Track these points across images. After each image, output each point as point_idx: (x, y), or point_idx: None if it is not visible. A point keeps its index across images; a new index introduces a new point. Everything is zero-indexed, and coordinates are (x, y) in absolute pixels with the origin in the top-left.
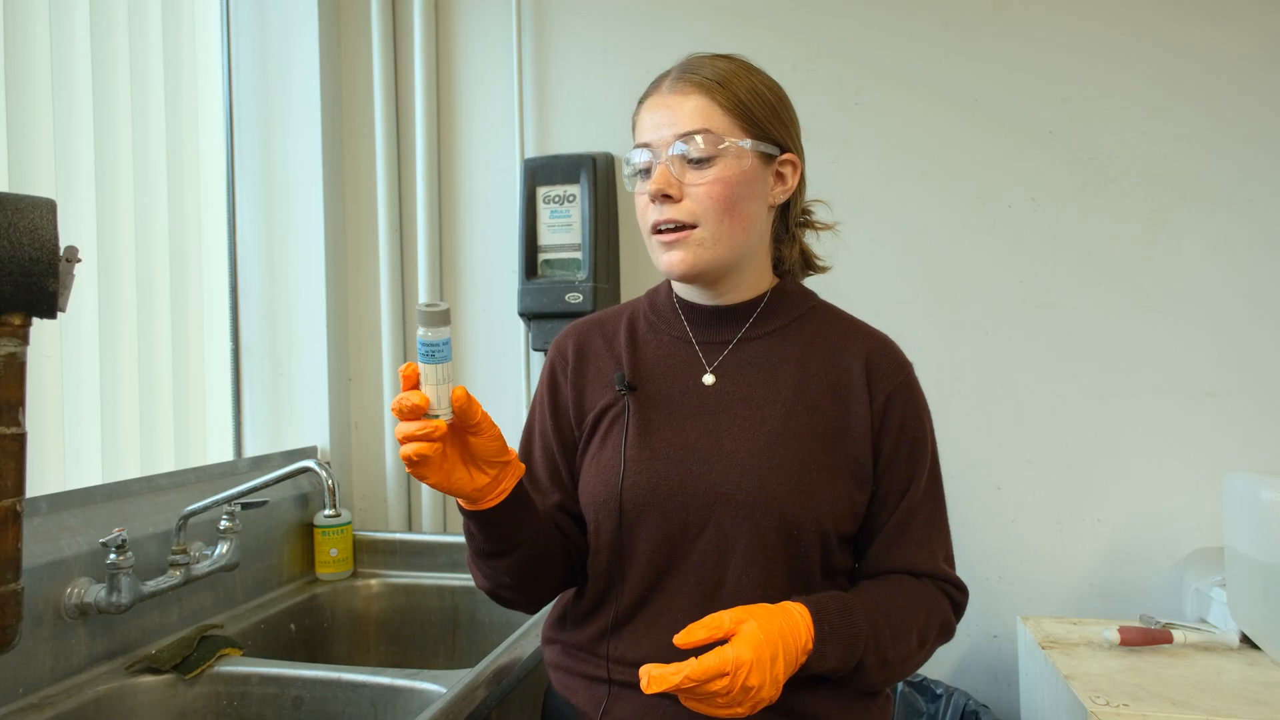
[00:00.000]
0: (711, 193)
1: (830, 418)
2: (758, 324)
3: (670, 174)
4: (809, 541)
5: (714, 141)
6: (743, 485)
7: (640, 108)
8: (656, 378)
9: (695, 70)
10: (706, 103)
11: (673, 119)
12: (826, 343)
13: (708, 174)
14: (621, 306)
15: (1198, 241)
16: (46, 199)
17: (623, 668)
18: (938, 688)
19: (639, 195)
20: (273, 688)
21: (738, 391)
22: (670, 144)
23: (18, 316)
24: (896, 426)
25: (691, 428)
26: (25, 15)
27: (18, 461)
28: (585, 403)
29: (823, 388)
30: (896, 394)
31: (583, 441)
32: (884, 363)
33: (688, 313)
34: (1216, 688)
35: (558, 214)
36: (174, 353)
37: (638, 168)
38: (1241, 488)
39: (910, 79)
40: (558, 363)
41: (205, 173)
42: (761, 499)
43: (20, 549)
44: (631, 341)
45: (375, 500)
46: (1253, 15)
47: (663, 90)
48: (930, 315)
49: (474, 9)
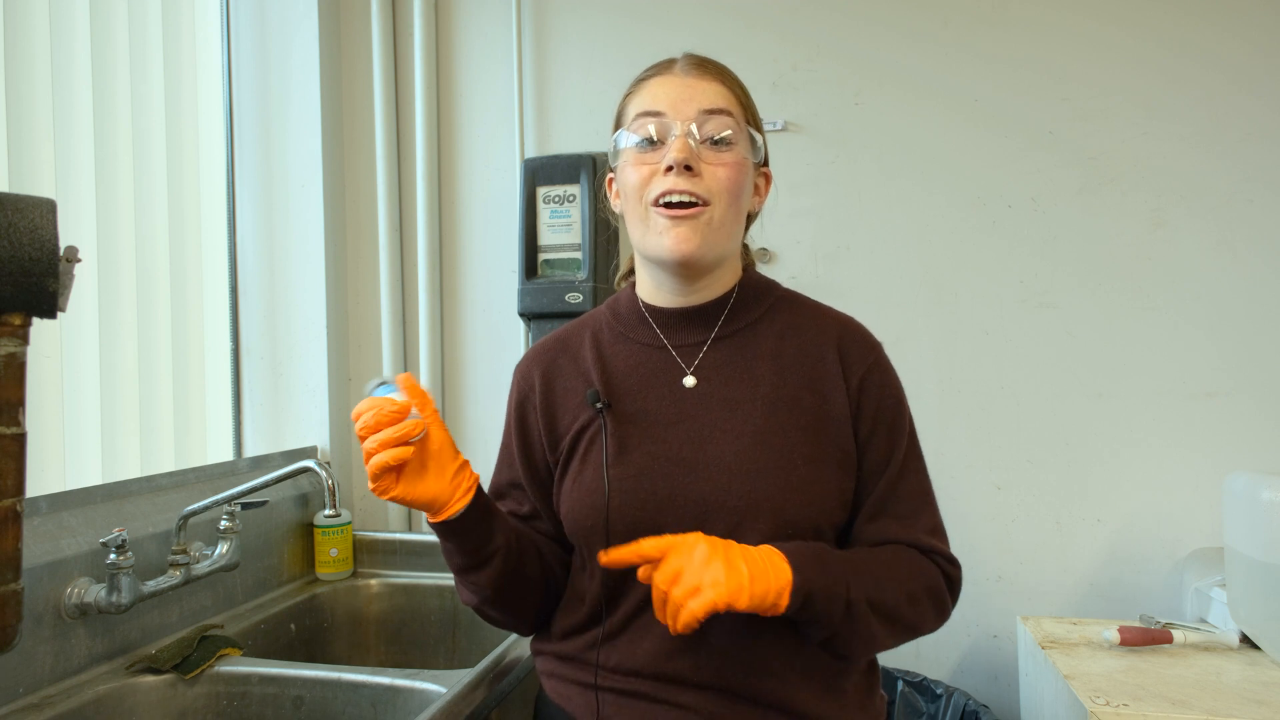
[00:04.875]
0: (729, 175)
1: (811, 409)
2: (729, 321)
3: (691, 146)
4: (804, 538)
5: (734, 124)
6: (733, 491)
7: (641, 86)
8: (631, 389)
9: (708, 60)
10: (726, 90)
11: (694, 95)
12: (798, 333)
13: (726, 156)
14: (580, 321)
15: (1198, 241)
16: (46, 199)
17: (618, 676)
18: (938, 688)
19: (637, 167)
20: (273, 688)
21: (717, 393)
22: (693, 117)
23: (18, 316)
24: (873, 407)
25: (673, 437)
26: (25, 15)
27: (18, 461)
28: (558, 428)
29: (800, 380)
30: (870, 375)
31: (560, 465)
32: (854, 346)
33: (657, 317)
34: (1216, 688)
35: (558, 214)
36: (174, 353)
37: (643, 139)
38: (1241, 488)
39: (910, 79)
40: (525, 392)
41: (205, 173)
42: (753, 503)
43: (20, 549)
44: (599, 355)
45: (375, 500)
46: (1253, 15)
47: (675, 71)
48: (930, 315)
49: (474, 9)
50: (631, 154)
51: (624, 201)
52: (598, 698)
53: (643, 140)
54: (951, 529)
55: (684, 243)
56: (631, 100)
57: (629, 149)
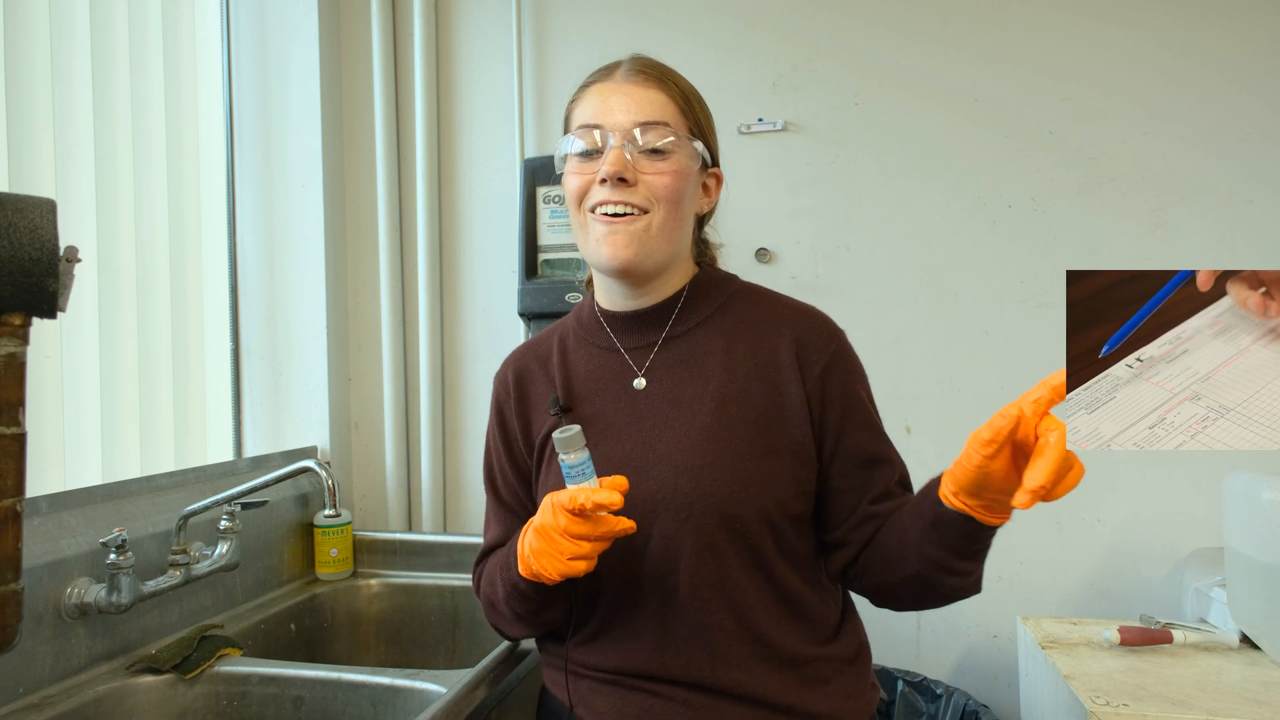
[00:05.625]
0: (667, 183)
1: (761, 402)
2: (680, 320)
3: (626, 158)
4: (755, 530)
5: (673, 135)
6: (679, 487)
7: (584, 93)
8: (589, 393)
9: (650, 66)
10: (665, 98)
11: (630, 106)
12: (749, 327)
13: (663, 165)
14: (553, 327)
15: (1198, 241)
16: (46, 199)
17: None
18: (938, 688)
19: (576, 176)
20: (273, 688)
21: (667, 393)
22: (628, 129)
23: (18, 316)
24: (839, 394)
25: (627, 438)
26: (25, 15)
27: (18, 461)
28: (531, 431)
29: (750, 373)
30: (833, 363)
31: (534, 471)
32: (813, 336)
33: (610, 321)
34: (1216, 688)
35: (558, 214)
36: (174, 353)
37: (583, 148)
38: (1241, 488)
39: (910, 79)
40: (501, 395)
41: (205, 173)
42: (699, 497)
43: (20, 549)
44: (564, 361)
45: (375, 500)
46: (1253, 15)
47: (616, 78)
48: (930, 315)
49: (474, 9)
50: (573, 162)
51: (568, 205)
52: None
53: (581, 152)
54: None
55: (622, 250)
56: (575, 107)
57: (571, 157)
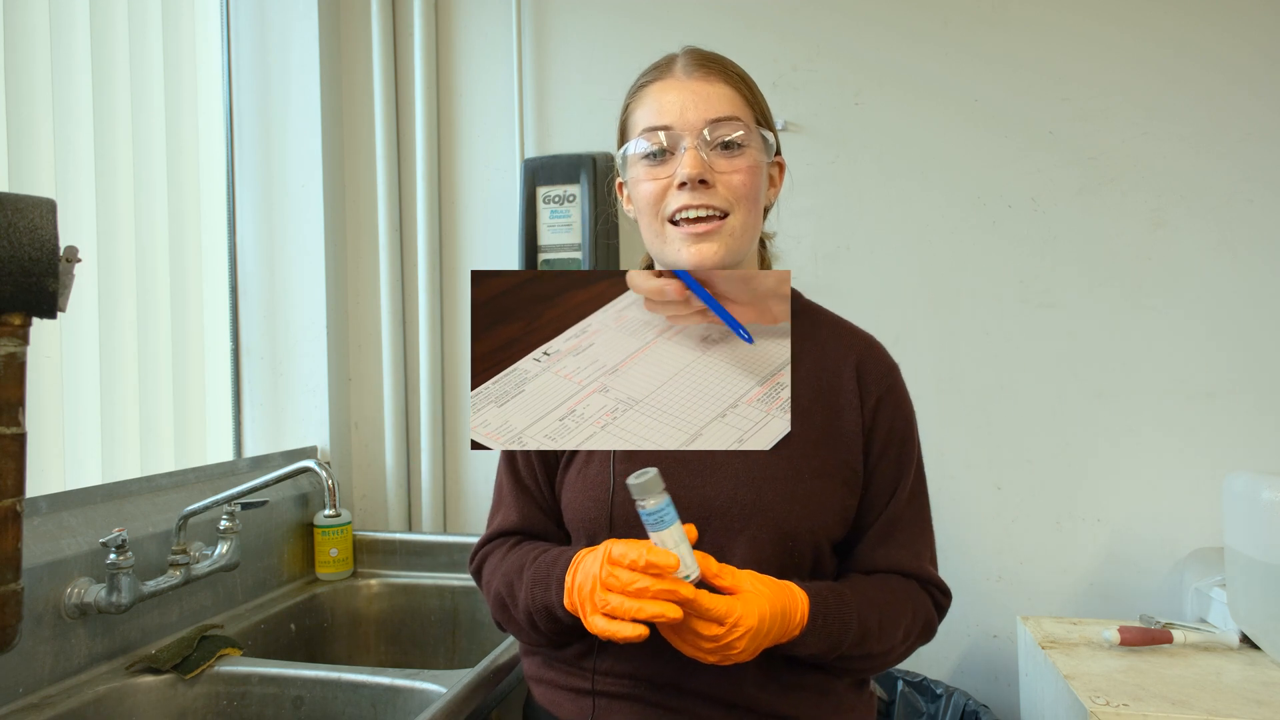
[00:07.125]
0: (744, 180)
1: (821, 423)
2: None
3: (703, 159)
4: (803, 550)
5: (743, 128)
6: (738, 497)
7: (643, 93)
8: None
9: (709, 59)
10: (730, 90)
11: (700, 103)
12: (816, 346)
13: (739, 162)
14: None
15: (1198, 241)
16: (46, 199)
17: (611, 680)
18: (938, 688)
19: (650, 181)
20: (273, 688)
21: None
22: (700, 128)
23: (18, 316)
24: (886, 429)
25: None
26: (25, 15)
27: (18, 461)
28: None
29: (813, 393)
30: (886, 396)
31: (566, 456)
32: (873, 365)
33: None
34: (1216, 688)
35: (558, 214)
36: (174, 353)
37: (652, 150)
38: (1241, 488)
39: (910, 79)
40: None
41: (205, 173)
42: (758, 510)
43: (20, 549)
44: None
45: (375, 500)
46: (1253, 15)
47: (677, 74)
48: (930, 315)
49: (474, 9)
50: (642, 167)
51: (638, 212)
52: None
53: (652, 152)
54: (951, 529)
55: (712, 256)
56: (636, 110)
57: (639, 161)
